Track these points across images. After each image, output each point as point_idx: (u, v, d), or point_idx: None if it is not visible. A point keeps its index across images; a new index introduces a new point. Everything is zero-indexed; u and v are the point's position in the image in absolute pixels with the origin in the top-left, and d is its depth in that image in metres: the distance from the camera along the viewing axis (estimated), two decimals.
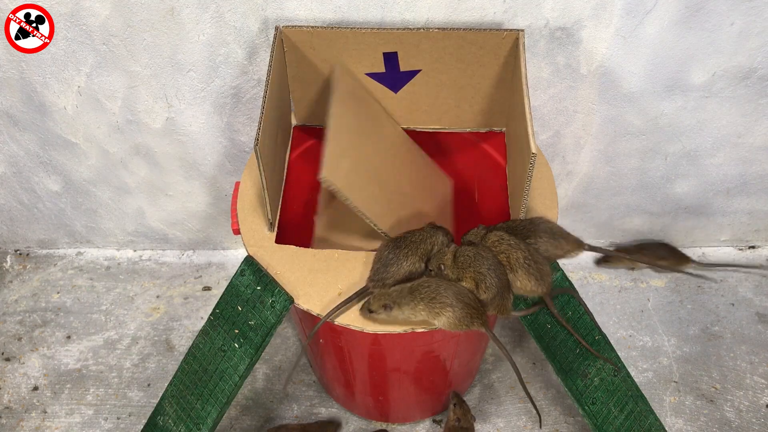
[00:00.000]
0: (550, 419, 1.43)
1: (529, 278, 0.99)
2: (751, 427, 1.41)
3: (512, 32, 1.07)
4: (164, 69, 1.25)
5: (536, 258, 0.99)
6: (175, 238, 1.67)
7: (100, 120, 1.36)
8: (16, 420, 1.45)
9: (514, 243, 0.99)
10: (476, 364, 1.43)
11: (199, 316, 1.60)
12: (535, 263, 0.99)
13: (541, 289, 1.00)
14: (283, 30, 1.09)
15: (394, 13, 1.15)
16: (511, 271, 0.99)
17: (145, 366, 1.52)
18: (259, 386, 1.49)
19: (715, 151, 1.42)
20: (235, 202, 1.13)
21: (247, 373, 1.05)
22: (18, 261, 1.71)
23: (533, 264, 0.98)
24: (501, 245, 0.99)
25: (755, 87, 1.28)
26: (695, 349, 1.52)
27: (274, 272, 1.04)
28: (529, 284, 0.99)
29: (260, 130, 0.96)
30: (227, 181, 1.50)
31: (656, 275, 1.64)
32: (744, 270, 1.62)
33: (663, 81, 1.26)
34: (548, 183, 1.14)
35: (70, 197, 1.56)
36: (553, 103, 1.31)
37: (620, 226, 1.62)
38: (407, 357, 1.17)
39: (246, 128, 1.37)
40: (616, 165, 1.45)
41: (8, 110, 1.36)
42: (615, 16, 1.15)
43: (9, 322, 1.60)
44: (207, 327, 1.08)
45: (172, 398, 1.11)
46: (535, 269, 0.99)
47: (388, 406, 1.38)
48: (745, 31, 1.18)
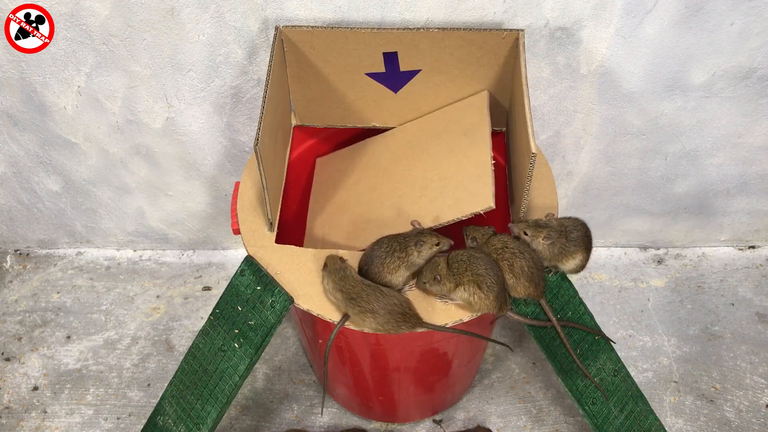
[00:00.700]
0: (550, 419, 1.43)
1: (529, 285, 1.01)
2: (751, 427, 1.41)
3: (512, 32, 1.07)
4: (164, 69, 1.25)
5: (538, 265, 1.01)
6: (175, 238, 1.67)
7: (100, 120, 1.36)
8: (16, 420, 1.45)
9: (517, 251, 1.00)
10: (476, 364, 1.43)
11: (199, 316, 1.60)
12: (537, 270, 1.01)
13: (537, 293, 1.02)
14: (283, 30, 1.09)
15: (394, 13, 1.15)
16: (514, 278, 1.00)
17: (145, 366, 1.52)
18: (259, 386, 1.49)
19: (715, 151, 1.42)
20: (235, 202, 1.13)
21: (247, 373, 1.05)
22: (18, 261, 1.71)
23: (535, 272, 1.00)
24: (505, 253, 1.00)
25: (755, 87, 1.28)
26: (695, 349, 1.52)
27: (274, 272, 1.04)
28: (529, 290, 1.01)
29: (260, 130, 0.95)
30: (227, 181, 1.50)
31: (656, 275, 1.64)
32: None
33: (663, 81, 1.26)
34: (548, 183, 1.14)
35: (70, 197, 1.56)
36: (553, 103, 1.31)
37: (620, 226, 1.62)
38: (407, 357, 1.17)
39: (246, 128, 1.37)
40: (616, 165, 1.45)
41: (8, 110, 1.36)
42: (615, 16, 1.15)
43: (9, 322, 1.60)
44: (207, 327, 1.08)
45: (172, 398, 1.11)
46: (537, 276, 1.01)
47: (388, 406, 1.38)
48: (745, 31, 1.18)
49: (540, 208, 1.10)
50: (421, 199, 1.12)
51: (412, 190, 1.14)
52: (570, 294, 1.06)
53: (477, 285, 0.97)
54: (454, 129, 1.17)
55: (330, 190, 1.25)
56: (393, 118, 1.22)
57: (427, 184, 1.13)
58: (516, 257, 1.00)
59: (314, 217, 1.25)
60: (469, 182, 1.08)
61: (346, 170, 1.26)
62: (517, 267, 0.99)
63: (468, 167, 1.11)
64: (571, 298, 1.06)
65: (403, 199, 1.14)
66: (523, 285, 1.00)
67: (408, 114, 1.22)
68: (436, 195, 1.11)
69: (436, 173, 1.14)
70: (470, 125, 1.15)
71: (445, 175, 1.12)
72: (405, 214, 1.12)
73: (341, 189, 1.25)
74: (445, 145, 1.16)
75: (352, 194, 1.23)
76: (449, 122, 1.19)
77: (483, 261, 0.98)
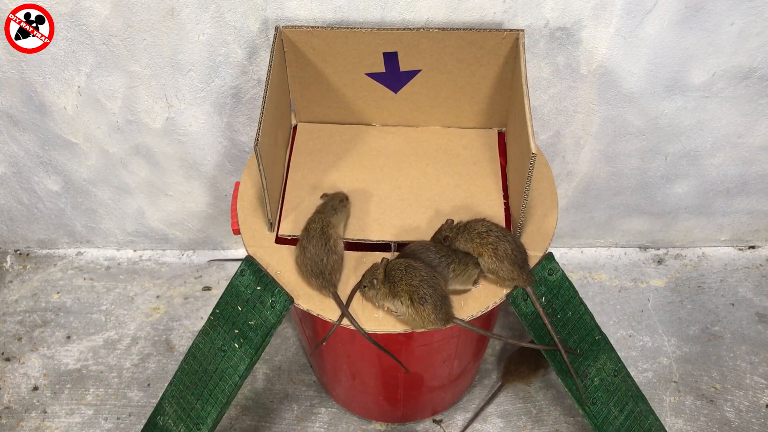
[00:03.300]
0: (550, 419, 1.43)
1: (513, 269, 1.00)
2: (751, 427, 1.41)
3: (512, 32, 1.07)
4: (164, 69, 1.25)
5: (522, 249, 1.01)
6: (175, 238, 1.67)
7: (100, 120, 1.36)
8: (16, 420, 1.45)
9: (501, 234, 1.00)
10: (476, 364, 1.43)
11: (199, 316, 1.60)
12: (521, 254, 1.01)
13: (522, 279, 1.01)
14: (283, 30, 1.09)
15: (394, 13, 1.15)
16: (498, 261, 1.00)
17: (145, 366, 1.52)
18: (259, 386, 1.49)
19: (715, 151, 1.42)
20: (235, 202, 1.13)
21: (247, 373, 1.05)
22: (18, 261, 1.71)
23: (519, 255, 1.00)
24: (489, 237, 1.00)
25: (755, 87, 1.28)
26: (695, 349, 1.52)
27: (274, 272, 1.04)
28: (513, 274, 1.00)
29: (260, 130, 0.96)
30: (227, 181, 1.50)
31: (656, 275, 1.64)
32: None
33: (663, 81, 1.26)
34: (548, 183, 1.14)
35: (70, 197, 1.56)
36: (553, 103, 1.31)
37: (620, 226, 1.62)
38: (407, 357, 1.17)
39: (246, 128, 1.37)
40: (616, 165, 1.45)
41: (8, 110, 1.36)
42: (615, 16, 1.15)
43: (9, 322, 1.60)
44: (207, 327, 1.08)
45: (172, 398, 1.11)
46: (520, 260, 1.00)
47: (388, 406, 1.38)
48: (745, 31, 1.18)
49: (540, 208, 1.10)
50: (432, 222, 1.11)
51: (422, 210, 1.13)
52: (570, 294, 1.06)
53: (409, 296, 0.96)
54: (463, 154, 1.18)
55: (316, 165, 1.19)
56: (393, 118, 1.22)
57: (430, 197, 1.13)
58: (500, 241, 0.99)
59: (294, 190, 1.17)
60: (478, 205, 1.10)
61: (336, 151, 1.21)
62: (501, 250, 0.99)
63: (479, 196, 1.12)
64: (571, 298, 1.06)
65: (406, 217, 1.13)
66: (506, 269, 1.00)
67: (408, 114, 1.22)
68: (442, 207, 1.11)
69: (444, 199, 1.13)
70: (481, 157, 1.17)
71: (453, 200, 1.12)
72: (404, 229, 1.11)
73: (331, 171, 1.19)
74: (452, 168, 1.16)
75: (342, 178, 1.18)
76: (458, 146, 1.19)
77: (420, 273, 0.96)
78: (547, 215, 1.09)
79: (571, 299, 1.06)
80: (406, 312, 0.97)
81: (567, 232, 1.64)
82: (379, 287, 0.98)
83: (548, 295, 1.05)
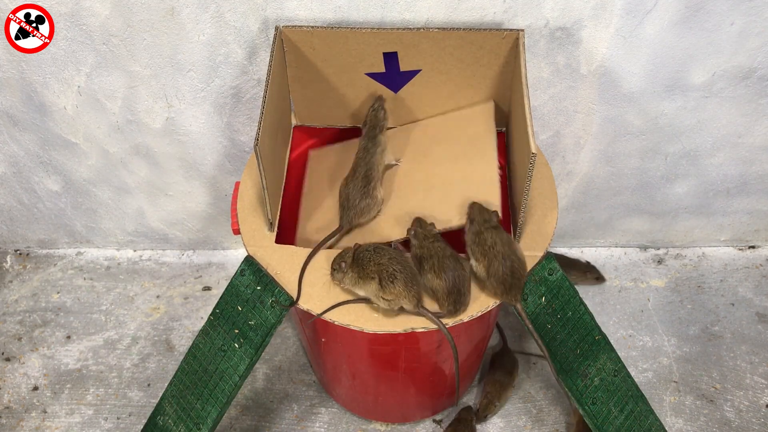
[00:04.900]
0: (550, 419, 1.43)
1: (498, 287, 1.01)
2: (751, 427, 1.41)
3: (512, 32, 1.07)
4: (164, 69, 1.25)
5: (517, 273, 1.01)
6: (175, 238, 1.67)
7: (100, 120, 1.36)
8: (16, 420, 1.45)
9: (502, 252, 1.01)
10: (477, 364, 1.43)
11: (199, 316, 1.60)
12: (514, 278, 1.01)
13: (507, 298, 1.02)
14: (283, 30, 1.09)
15: (394, 13, 1.15)
16: (487, 277, 1.01)
17: (145, 366, 1.52)
18: (259, 386, 1.49)
19: (715, 151, 1.42)
20: (235, 202, 1.13)
21: (247, 373, 1.05)
22: (18, 261, 1.71)
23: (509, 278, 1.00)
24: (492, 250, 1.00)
25: (755, 87, 1.28)
26: (695, 349, 1.52)
27: (274, 272, 1.04)
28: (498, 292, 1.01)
29: (260, 130, 0.96)
30: (227, 181, 1.50)
31: (656, 275, 1.64)
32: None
33: (663, 81, 1.26)
34: (548, 183, 1.14)
35: (70, 197, 1.56)
36: (553, 103, 1.31)
37: (620, 226, 1.62)
38: (407, 357, 1.17)
39: (246, 128, 1.37)
40: (616, 165, 1.45)
41: (8, 110, 1.36)
42: (615, 16, 1.15)
43: (9, 322, 1.60)
44: (207, 327, 1.08)
45: (172, 398, 1.11)
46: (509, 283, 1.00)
47: (388, 405, 1.38)
48: (745, 31, 1.18)
49: (540, 208, 1.10)
50: (424, 202, 1.11)
51: (415, 193, 1.14)
52: (570, 294, 1.06)
53: (378, 276, 0.96)
54: (460, 136, 1.17)
55: (325, 184, 1.24)
56: (393, 118, 1.22)
57: (430, 188, 1.13)
58: (496, 259, 0.99)
59: (308, 212, 1.23)
60: (475, 190, 1.08)
61: (343, 165, 1.25)
62: (493, 268, 1.00)
63: (473, 176, 1.11)
64: (571, 298, 1.06)
65: (405, 200, 1.14)
66: (492, 285, 1.00)
67: (408, 114, 1.22)
68: (440, 199, 1.11)
69: (439, 178, 1.13)
70: (476, 134, 1.15)
71: (450, 181, 1.12)
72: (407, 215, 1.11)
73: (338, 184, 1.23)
74: (449, 152, 1.16)
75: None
76: (454, 129, 1.19)
77: (388, 253, 0.98)
78: (547, 215, 1.10)
79: (571, 299, 1.06)
80: (377, 293, 0.97)
81: (567, 231, 1.64)
82: (347, 270, 0.98)
83: (548, 295, 1.05)
